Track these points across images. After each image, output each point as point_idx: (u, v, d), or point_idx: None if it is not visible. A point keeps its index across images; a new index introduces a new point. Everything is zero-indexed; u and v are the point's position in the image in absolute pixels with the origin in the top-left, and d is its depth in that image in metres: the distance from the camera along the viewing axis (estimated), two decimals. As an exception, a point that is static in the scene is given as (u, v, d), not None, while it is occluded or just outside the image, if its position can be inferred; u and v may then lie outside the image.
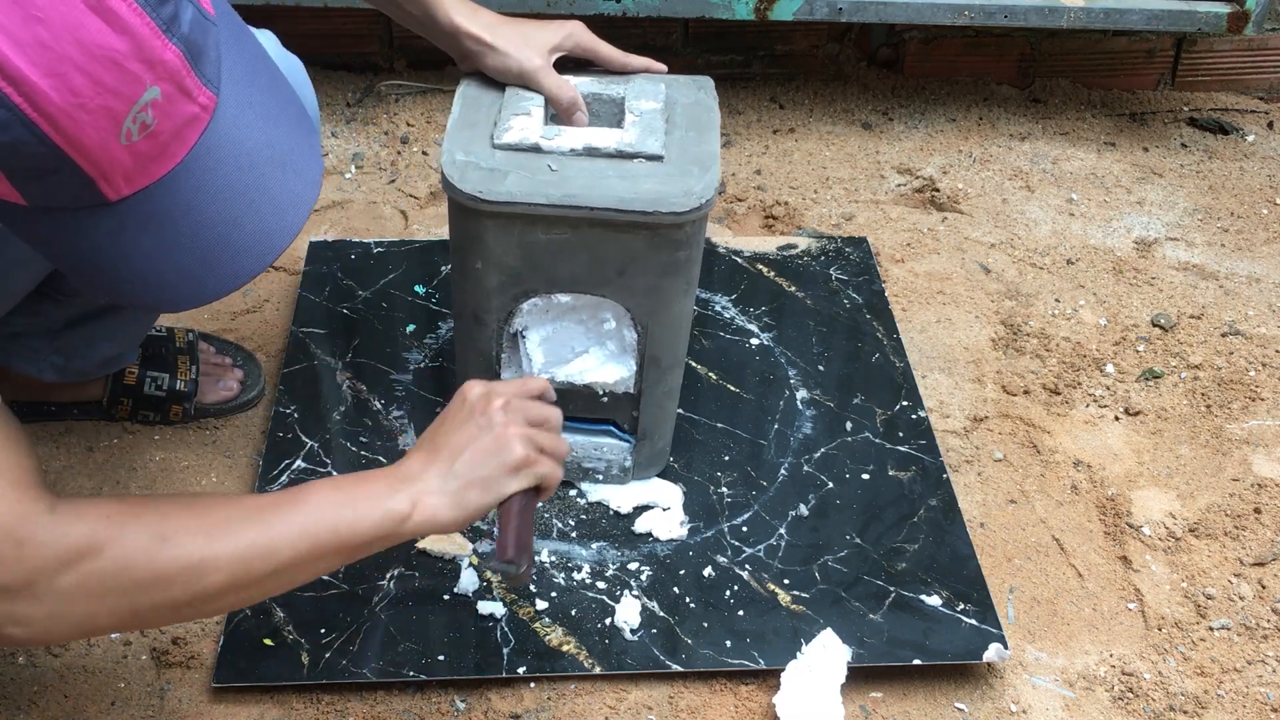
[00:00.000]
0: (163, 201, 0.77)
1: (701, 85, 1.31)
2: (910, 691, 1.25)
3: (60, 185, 0.73)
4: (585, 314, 1.28)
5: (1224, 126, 2.21)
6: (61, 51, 0.67)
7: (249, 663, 1.21)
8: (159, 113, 0.73)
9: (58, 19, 0.66)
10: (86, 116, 0.69)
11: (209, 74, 0.76)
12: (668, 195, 1.14)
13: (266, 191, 0.82)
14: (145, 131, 0.73)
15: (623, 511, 1.38)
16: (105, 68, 0.68)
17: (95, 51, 0.68)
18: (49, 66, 0.67)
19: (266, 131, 0.82)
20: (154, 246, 0.78)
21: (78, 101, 0.68)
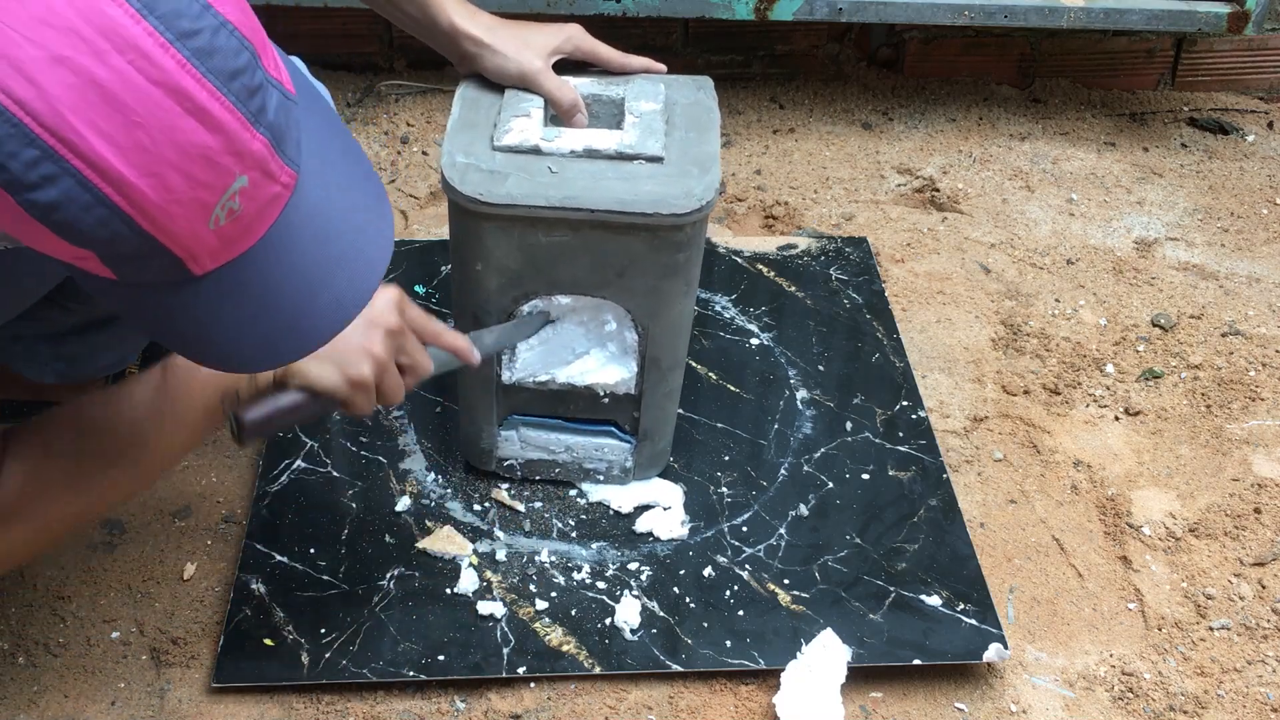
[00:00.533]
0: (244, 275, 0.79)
1: (701, 85, 1.31)
2: (910, 691, 1.25)
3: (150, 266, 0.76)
4: (586, 315, 1.28)
5: (1224, 126, 2.21)
6: (158, 153, 0.70)
7: (249, 663, 1.21)
8: (245, 199, 0.75)
9: (154, 123, 0.69)
10: (179, 209, 0.72)
11: (290, 154, 0.78)
12: (668, 197, 1.14)
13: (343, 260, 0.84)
14: (232, 217, 0.75)
15: (624, 511, 1.38)
16: (198, 164, 0.71)
17: (190, 150, 0.71)
18: (147, 168, 0.70)
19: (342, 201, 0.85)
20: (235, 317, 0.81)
21: (173, 198, 0.71)
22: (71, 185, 0.69)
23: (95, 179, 0.69)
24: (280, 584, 1.27)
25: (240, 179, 0.74)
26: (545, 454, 1.37)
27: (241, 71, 0.73)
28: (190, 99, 0.70)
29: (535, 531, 1.35)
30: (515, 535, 1.35)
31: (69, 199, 0.69)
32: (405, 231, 1.85)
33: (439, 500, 1.38)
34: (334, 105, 1.23)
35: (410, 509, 1.37)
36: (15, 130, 0.66)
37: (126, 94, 0.68)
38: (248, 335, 0.83)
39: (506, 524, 1.36)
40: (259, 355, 0.85)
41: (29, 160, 0.67)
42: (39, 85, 0.66)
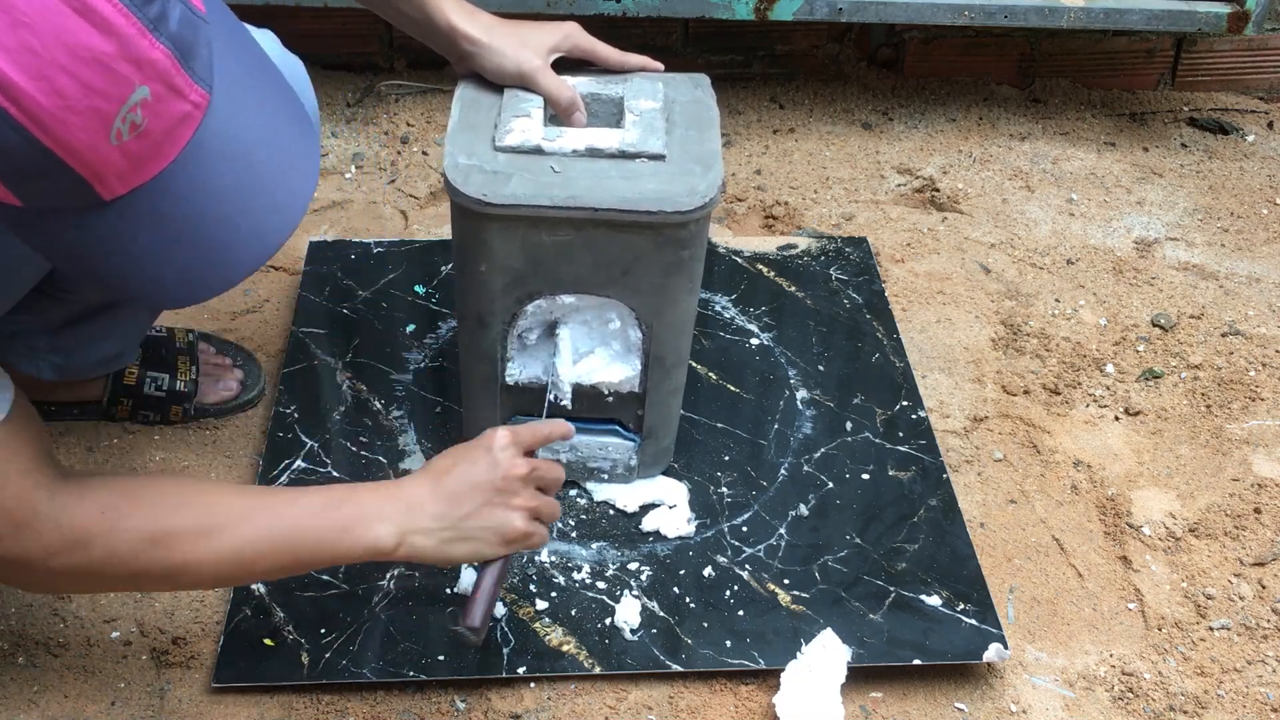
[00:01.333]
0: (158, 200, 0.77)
1: (698, 83, 1.31)
2: (910, 691, 1.25)
3: (54, 187, 0.74)
4: (590, 314, 1.28)
5: (1224, 126, 2.21)
6: (47, 56, 0.67)
7: (249, 663, 1.21)
8: (149, 112, 0.73)
9: (43, 23, 0.67)
10: (75, 118, 0.70)
11: (200, 72, 0.77)
12: (672, 194, 1.14)
13: (263, 189, 0.82)
14: (136, 131, 0.73)
15: (629, 510, 1.38)
16: (92, 69, 0.69)
17: (81, 54, 0.68)
18: (36, 70, 0.67)
19: (262, 129, 0.83)
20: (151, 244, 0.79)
21: (65, 104, 0.69)
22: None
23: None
24: (280, 584, 1.27)
25: (140, 89, 0.72)
26: (549, 453, 1.37)
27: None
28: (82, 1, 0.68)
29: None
30: (515, 535, 1.35)
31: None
32: (405, 231, 1.85)
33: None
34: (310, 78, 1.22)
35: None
36: None
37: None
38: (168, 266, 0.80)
39: (506, 524, 1.36)
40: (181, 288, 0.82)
41: None
42: None
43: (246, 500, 1.03)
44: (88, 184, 0.74)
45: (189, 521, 0.97)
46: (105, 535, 0.93)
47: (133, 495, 0.96)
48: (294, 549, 1.02)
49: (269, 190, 0.83)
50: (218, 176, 0.79)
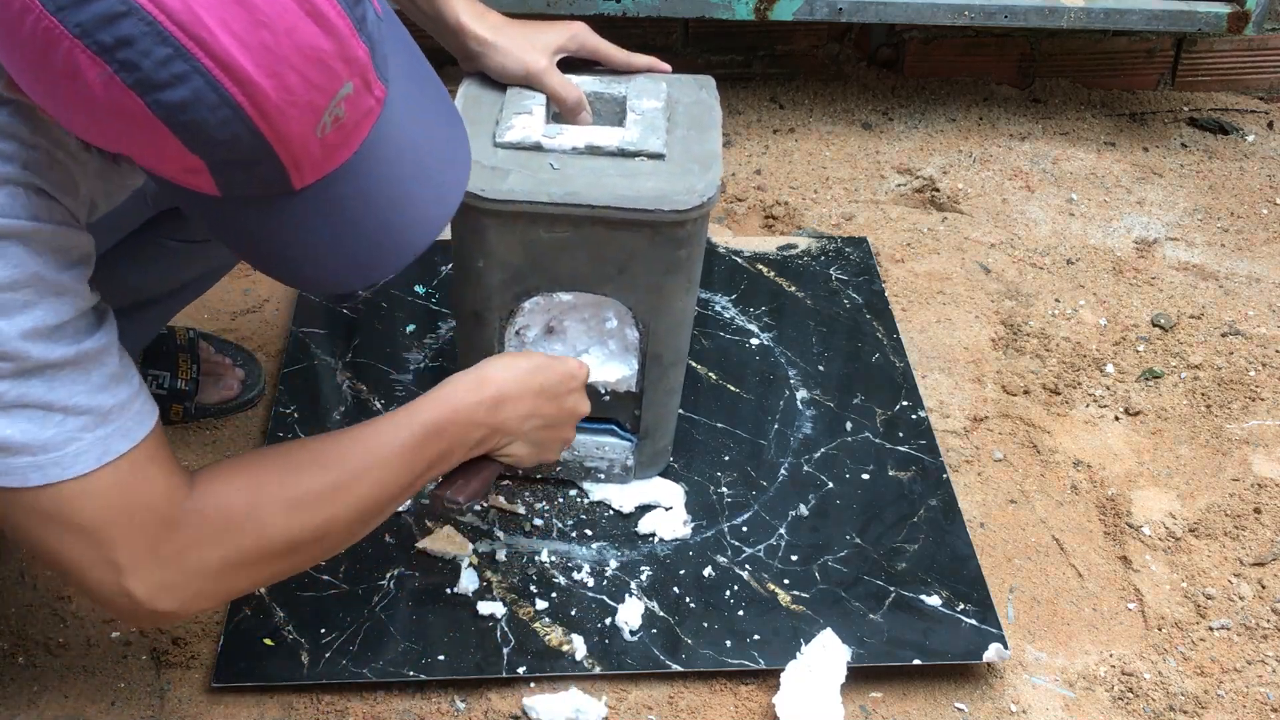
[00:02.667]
0: (339, 189, 0.81)
1: (703, 84, 1.31)
2: (910, 691, 1.25)
3: (257, 176, 0.77)
4: (587, 312, 1.28)
5: (1224, 126, 2.21)
6: (281, 53, 0.71)
7: (249, 663, 1.21)
8: (349, 106, 0.77)
9: (279, 22, 0.71)
10: (295, 111, 0.73)
11: (381, 68, 0.80)
12: (669, 193, 1.14)
13: (427, 178, 0.86)
14: (337, 124, 0.77)
15: (625, 511, 1.38)
16: (315, 66, 0.73)
17: (309, 52, 0.72)
18: (270, 67, 0.71)
19: (425, 122, 0.86)
20: (329, 232, 0.83)
21: (290, 99, 0.73)
22: (200, 84, 0.69)
23: (223, 78, 0.70)
24: (280, 584, 1.27)
25: (346, 85, 0.76)
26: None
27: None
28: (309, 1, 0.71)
29: (535, 531, 1.35)
30: (515, 535, 1.35)
31: (197, 98, 0.70)
32: (405, 231, 1.85)
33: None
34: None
35: (410, 509, 1.36)
36: (149, 28, 0.67)
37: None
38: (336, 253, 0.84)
39: (506, 524, 1.36)
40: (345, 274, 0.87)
41: (161, 58, 0.68)
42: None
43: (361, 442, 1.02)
44: (286, 173, 0.77)
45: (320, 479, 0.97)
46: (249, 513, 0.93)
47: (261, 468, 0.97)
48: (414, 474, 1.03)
49: (432, 180, 0.87)
50: (389, 168, 0.83)
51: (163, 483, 0.89)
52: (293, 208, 0.80)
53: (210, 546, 0.91)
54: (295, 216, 0.81)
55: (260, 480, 0.95)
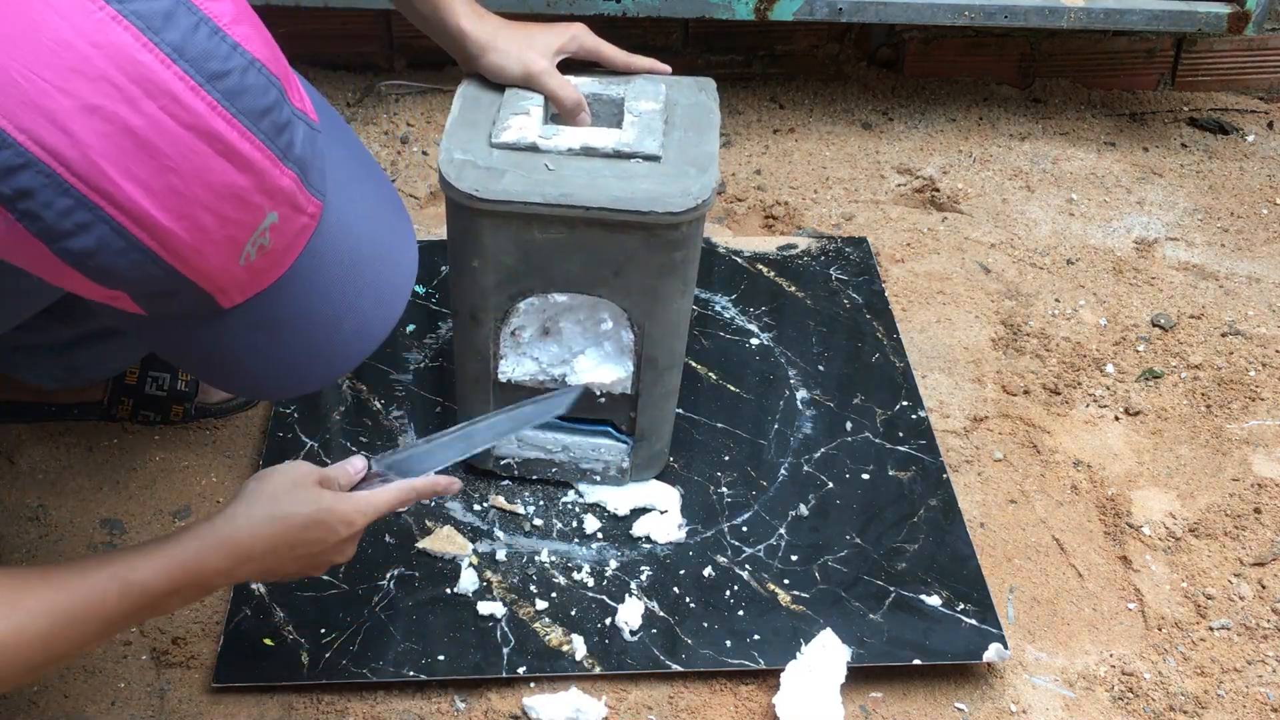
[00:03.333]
0: (273, 306, 0.80)
1: (703, 86, 1.31)
2: (910, 691, 1.25)
3: (180, 302, 0.76)
4: (582, 314, 1.28)
5: (1224, 126, 2.21)
6: (191, 196, 0.70)
7: (249, 663, 1.21)
8: (275, 233, 0.76)
9: (187, 166, 0.69)
10: (212, 249, 0.72)
11: (315, 183, 0.79)
12: (664, 195, 1.14)
13: (368, 285, 0.85)
14: (262, 252, 0.76)
15: (620, 514, 1.37)
16: (230, 204, 0.72)
17: (222, 191, 0.71)
18: (180, 210, 0.70)
19: (366, 227, 0.85)
20: (264, 345, 0.81)
21: (206, 238, 0.72)
22: (106, 232, 0.69)
23: (129, 225, 0.69)
24: (280, 584, 1.27)
25: (270, 215, 0.74)
26: (542, 453, 1.37)
27: (270, 109, 0.73)
28: (221, 140, 0.70)
29: (535, 532, 1.35)
30: (515, 535, 1.35)
31: (103, 246, 0.69)
32: (405, 232, 1.85)
33: (439, 500, 1.38)
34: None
35: (410, 509, 1.37)
36: (49, 180, 0.66)
37: (159, 139, 0.68)
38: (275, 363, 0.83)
39: (506, 524, 1.36)
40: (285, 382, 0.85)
41: (63, 209, 0.67)
42: (72, 134, 0.66)
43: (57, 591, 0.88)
44: (211, 298, 0.76)
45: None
46: None
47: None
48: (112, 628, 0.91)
49: (373, 285, 0.85)
50: (326, 279, 0.82)
51: None
52: (224, 325, 0.79)
53: None
54: (227, 333, 0.79)
55: None
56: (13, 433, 1.46)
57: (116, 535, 1.35)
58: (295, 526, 0.99)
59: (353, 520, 1.03)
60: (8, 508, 1.37)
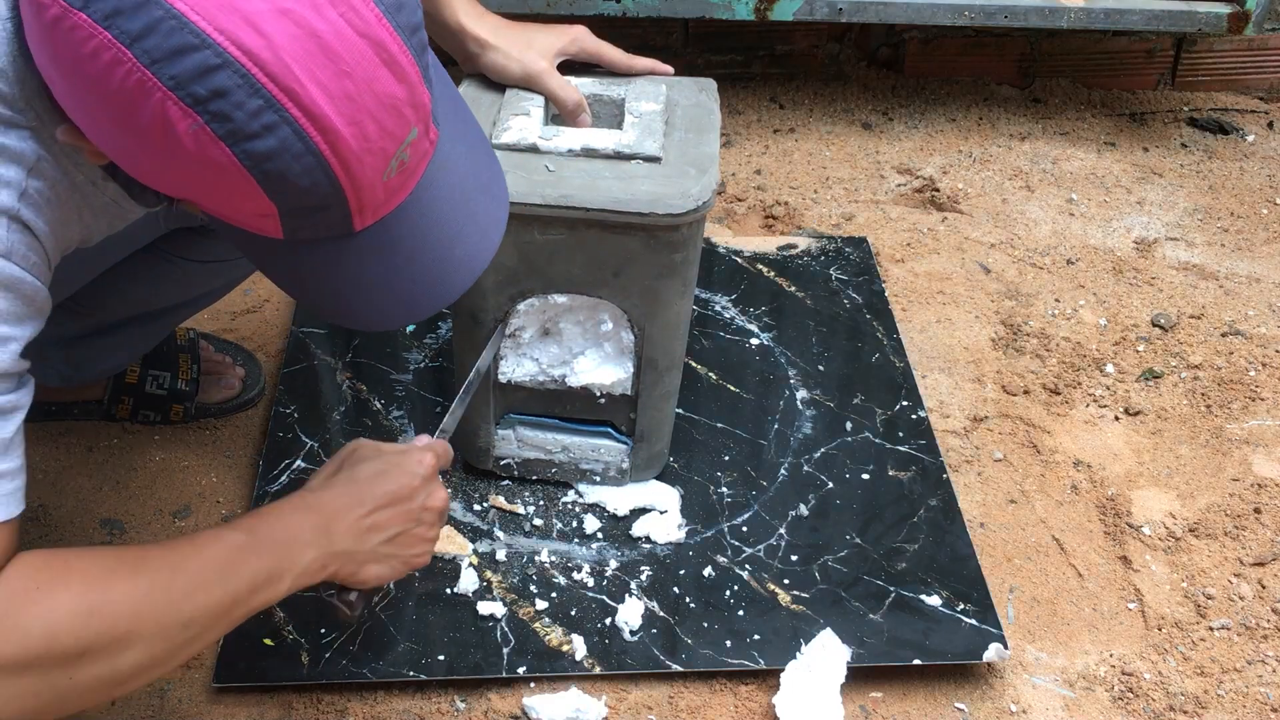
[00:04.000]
0: (394, 230, 0.82)
1: (704, 87, 1.31)
2: (910, 691, 1.25)
3: (324, 220, 0.78)
4: (582, 315, 1.28)
5: (1224, 126, 2.21)
6: (361, 101, 0.73)
7: (249, 663, 1.21)
8: (412, 150, 0.79)
9: (360, 72, 0.72)
10: (370, 159, 0.75)
11: (435, 111, 0.82)
12: (664, 196, 1.14)
13: (473, 215, 0.88)
14: (401, 168, 0.78)
15: (619, 514, 1.37)
16: (390, 114, 0.75)
17: (385, 99, 0.74)
18: (351, 116, 0.72)
19: (469, 160, 0.88)
20: (383, 272, 0.83)
21: (367, 146, 0.74)
22: (288, 134, 0.71)
23: (309, 128, 0.71)
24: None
25: (413, 131, 0.77)
26: (542, 453, 1.37)
27: (418, 28, 0.77)
28: (386, 50, 0.73)
29: (535, 532, 1.36)
30: (515, 535, 1.35)
31: (284, 148, 0.71)
32: (405, 231, 1.85)
33: (439, 500, 1.38)
34: None
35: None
36: (243, 81, 0.68)
37: (339, 45, 0.70)
38: (390, 292, 0.85)
39: (506, 524, 1.36)
40: (395, 311, 0.87)
41: (253, 110, 0.69)
42: (267, 36, 0.68)
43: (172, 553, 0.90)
44: (350, 217, 0.78)
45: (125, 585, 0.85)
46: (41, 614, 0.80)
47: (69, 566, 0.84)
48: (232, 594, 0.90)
49: (476, 215, 0.88)
50: (440, 207, 0.84)
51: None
52: (350, 249, 0.81)
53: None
54: (352, 257, 0.82)
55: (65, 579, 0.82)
56: (13, 433, 1.46)
57: (117, 535, 1.35)
58: (369, 476, 1.05)
59: (422, 458, 1.08)
60: (8, 508, 1.37)
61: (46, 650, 0.79)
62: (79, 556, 0.85)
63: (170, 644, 0.87)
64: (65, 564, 0.83)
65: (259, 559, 0.93)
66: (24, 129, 0.78)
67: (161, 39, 0.67)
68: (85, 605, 0.81)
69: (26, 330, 0.82)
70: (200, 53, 0.67)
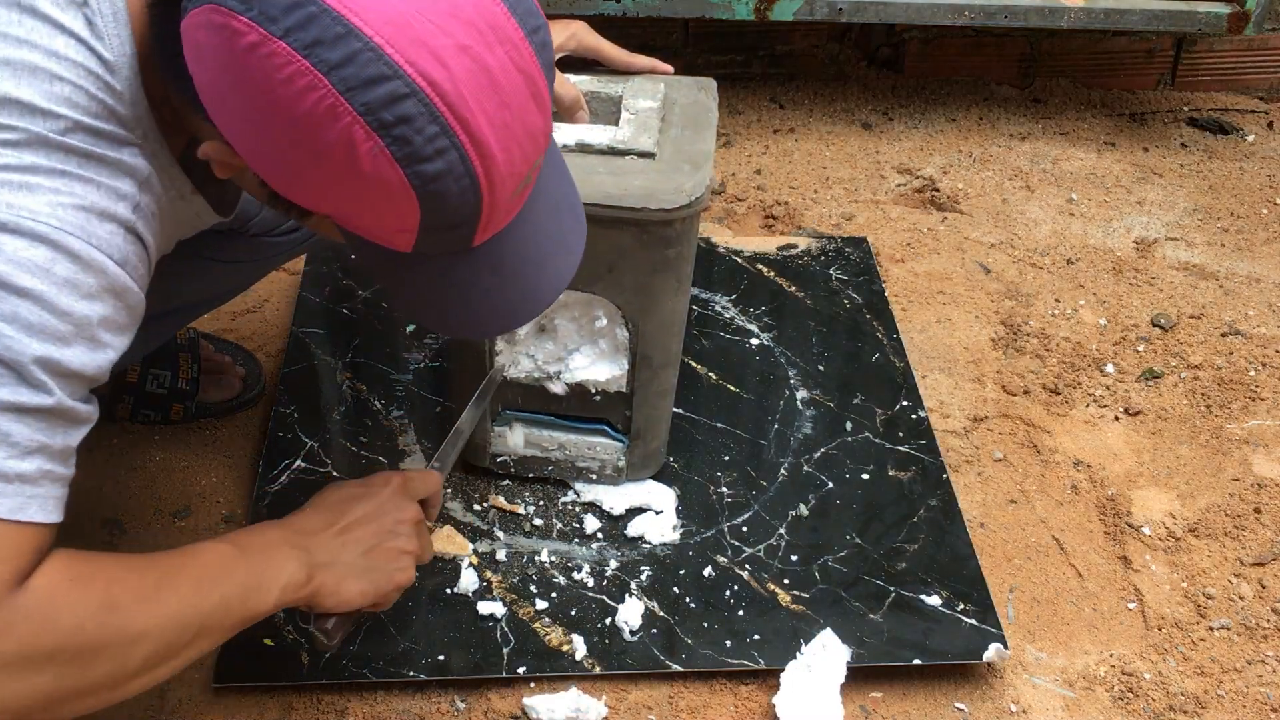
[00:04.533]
0: (504, 246, 0.87)
1: (703, 86, 1.31)
2: (910, 691, 1.25)
3: (454, 237, 0.83)
4: (577, 310, 1.28)
5: (1224, 126, 2.21)
6: (513, 131, 0.79)
7: (249, 663, 1.21)
8: (534, 173, 0.84)
9: (516, 105, 0.78)
10: (511, 183, 0.81)
11: None
12: (657, 192, 1.14)
13: (563, 230, 0.93)
14: (524, 189, 0.84)
15: (615, 513, 1.37)
16: (531, 142, 0.81)
17: (531, 129, 0.80)
18: (504, 143, 0.78)
19: (558, 181, 0.93)
20: (484, 287, 0.88)
21: (511, 171, 0.80)
22: (455, 159, 0.76)
23: (473, 153, 0.77)
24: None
25: (540, 157, 0.83)
26: (538, 451, 1.37)
27: (552, 64, 0.83)
28: (535, 85, 0.80)
29: (535, 531, 1.35)
30: (515, 535, 1.35)
31: (449, 171, 0.77)
32: (405, 231, 1.85)
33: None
34: None
35: (410, 509, 1.36)
36: (424, 109, 0.74)
37: (504, 79, 0.77)
38: (489, 304, 0.90)
39: (506, 524, 1.36)
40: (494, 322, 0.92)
41: (430, 135, 0.75)
42: (450, 69, 0.74)
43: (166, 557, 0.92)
44: (475, 233, 0.83)
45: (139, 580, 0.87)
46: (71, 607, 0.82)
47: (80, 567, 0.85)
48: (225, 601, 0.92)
49: (566, 230, 0.93)
50: (539, 221, 0.89)
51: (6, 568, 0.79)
52: (465, 263, 0.86)
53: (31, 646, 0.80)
54: (464, 271, 0.86)
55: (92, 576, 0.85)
56: (13, 432, 1.46)
57: (117, 535, 1.35)
58: (338, 499, 1.07)
59: (388, 477, 1.11)
60: (8, 507, 1.37)
61: (70, 642, 0.82)
62: (101, 556, 0.88)
63: (172, 645, 0.89)
64: (90, 562, 0.86)
65: (247, 566, 0.96)
66: (135, 146, 0.84)
67: (358, 69, 0.72)
68: (109, 601, 0.85)
69: (123, 342, 0.85)
70: (391, 82, 0.73)
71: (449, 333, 0.94)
